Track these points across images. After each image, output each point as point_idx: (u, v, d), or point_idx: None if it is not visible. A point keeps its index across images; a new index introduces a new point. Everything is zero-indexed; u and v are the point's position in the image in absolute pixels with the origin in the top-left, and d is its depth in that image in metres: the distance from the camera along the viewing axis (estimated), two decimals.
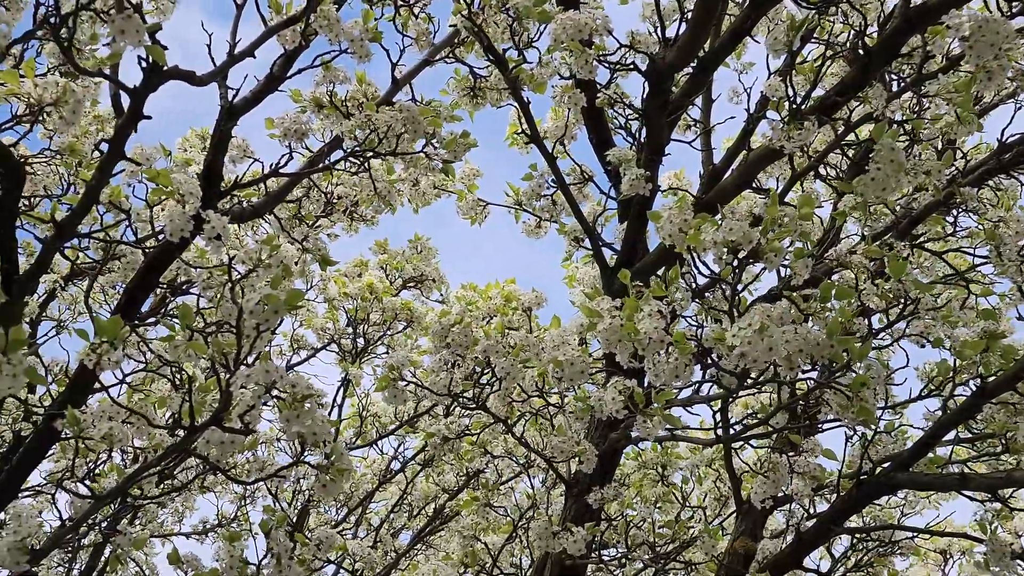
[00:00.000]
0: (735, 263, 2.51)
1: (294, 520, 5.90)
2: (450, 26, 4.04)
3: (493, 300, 4.79)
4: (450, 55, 4.04)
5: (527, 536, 5.65)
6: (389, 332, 6.28)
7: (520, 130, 3.94)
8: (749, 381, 2.78)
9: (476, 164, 4.83)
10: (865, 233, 4.02)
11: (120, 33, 2.13)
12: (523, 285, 4.92)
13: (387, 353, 6.43)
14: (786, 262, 2.63)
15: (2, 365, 1.98)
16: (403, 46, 3.91)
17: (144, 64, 2.38)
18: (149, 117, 2.44)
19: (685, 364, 2.57)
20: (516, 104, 3.61)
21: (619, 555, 3.89)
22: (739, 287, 2.66)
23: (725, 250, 2.45)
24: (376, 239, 6.60)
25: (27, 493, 4.97)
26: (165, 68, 2.37)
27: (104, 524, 4.17)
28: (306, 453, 2.54)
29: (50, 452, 3.46)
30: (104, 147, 2.72)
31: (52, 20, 4.03)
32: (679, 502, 5.19)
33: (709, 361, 2.79)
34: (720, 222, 2.43)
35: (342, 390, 6.49)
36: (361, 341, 6.39)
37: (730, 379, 2.84)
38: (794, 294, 2.83)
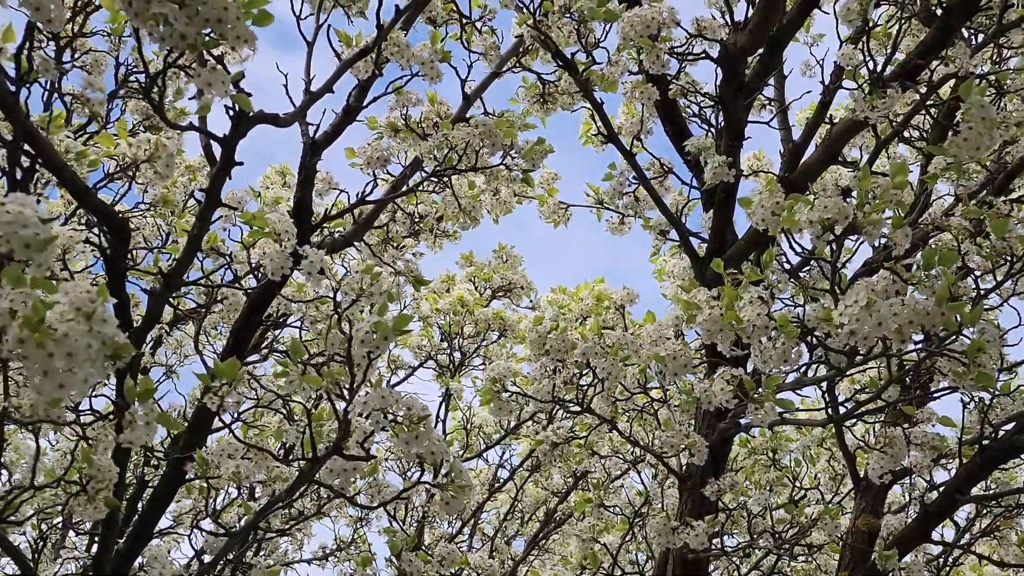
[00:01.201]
0: (832, 240, 2.48)
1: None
2: (514, 36, 4.08)
3: (584, 301, 4.80)
4: (516, 64, 4.07)
5: (643, 533, 5.64)
6: (484, 343, 6.34)
7: (595, 130, 3.94)
8: (859, 358, 2.74)
9: (552, 166, 4.86)
10: (959, 193, 3.92)
11: (207, 86, 2.20)
12: (610, 281, 4.92)
13: (484, 365, 6.48)
14: (885, 231, 2.58)
15: (136, 416, 2.07)
16: (470, 62, 3.96)
17: (231, 112, 2.46)
18: (240, 163, 2.52)
19: (792, 347, 2.55)
20: (589, 105, 3.62)
21: (742, 545, 3.85)
22: (838, 264, 2.63)
23: (821, 228, 2.42)
24: (461, 252, 6.67)
25: (156, 534, 5.15)
26: (251, 114, 2.44)
27: (231, 559, 4.30)
28: (418, 472, 2.59)
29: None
30: (199, 195, 2.81)
31: (139, 81, 4.18)
32: (792, 484, 5.12)
33: (814, 341, 2.76)
34: (813, 200, 2.40)
35: (444, 405, 6.57)
36: (457, 355, 6.46)
37: (839, 357, 2.80)
38: (896, 264, 2.78)
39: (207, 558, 2.93)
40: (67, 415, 2.70)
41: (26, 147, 2.42)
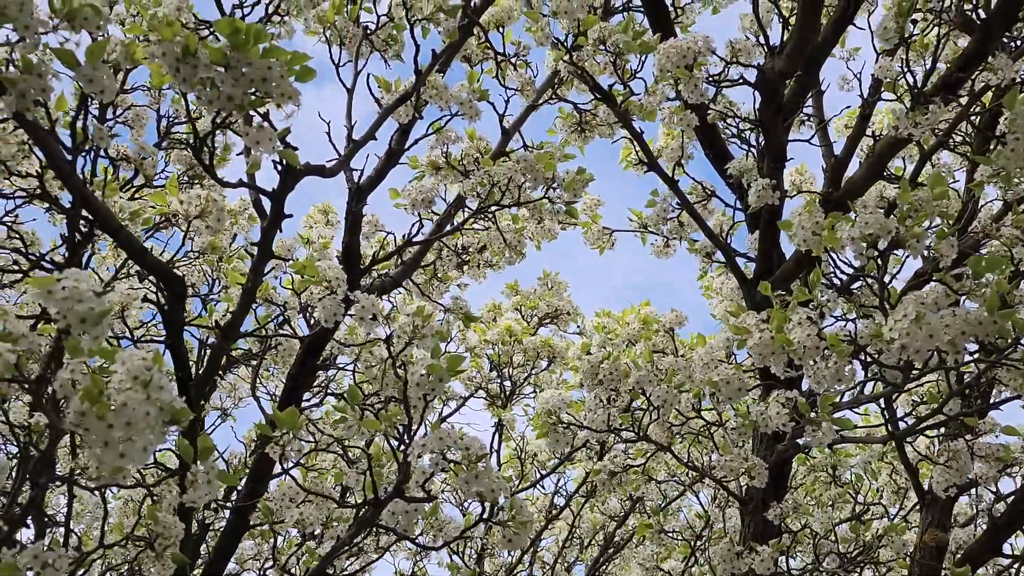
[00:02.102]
0: (877, 256, 2.47)
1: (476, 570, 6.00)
2: (548, 68, 4.11)
3: (631, 326, 4.80)
4: (553, 96, 4.10)
5: (706, 556, 5.59)
6: (533, 372, 6.34)
7: (634, 156, 3.96)
8: (914, 372, 2.71)
9: (593, 192, 4.87)
10: (1007, 199, 3.87)
11: (255, 144, 2.25)
12: (656, 299, 4.94)
13: (534, 393, 6.49)
14: (929, 243, 2.56)
15: (197, 475, 2.10)
16: (507, 96, 4.00)
17: (279, 167, 2.51)
18: (290, 216, 2.57)
19: (845, 366, 2.53)
20: (629, 135, 3.64)
21: (808, 567, 3.81)
22: (886, 279, 2.61)
23: (864, 245, 2.40)
24: (507, 282, 6.70)
25: None
26: (299, 168, 2.49)
27: None
28: (477, 505, 2.60)
29: None
30: (243, 243, 2.86)
31: (182, 134, 4.27)
32: (855, 500, 5.05)
33: (868, 359, 2.74)
34: (854, 218, 2.39)
35: (497, 435, 6.58)
36: (508, 384, 6.48)
37: (894, 373, 2.77)
38: (945, 275, 2.75)
39: None
40: (130, 478, 2.76)
41: (84, 212, 2.49)
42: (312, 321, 3.38)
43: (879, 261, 2.58)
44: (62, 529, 2.50)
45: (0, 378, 1.53)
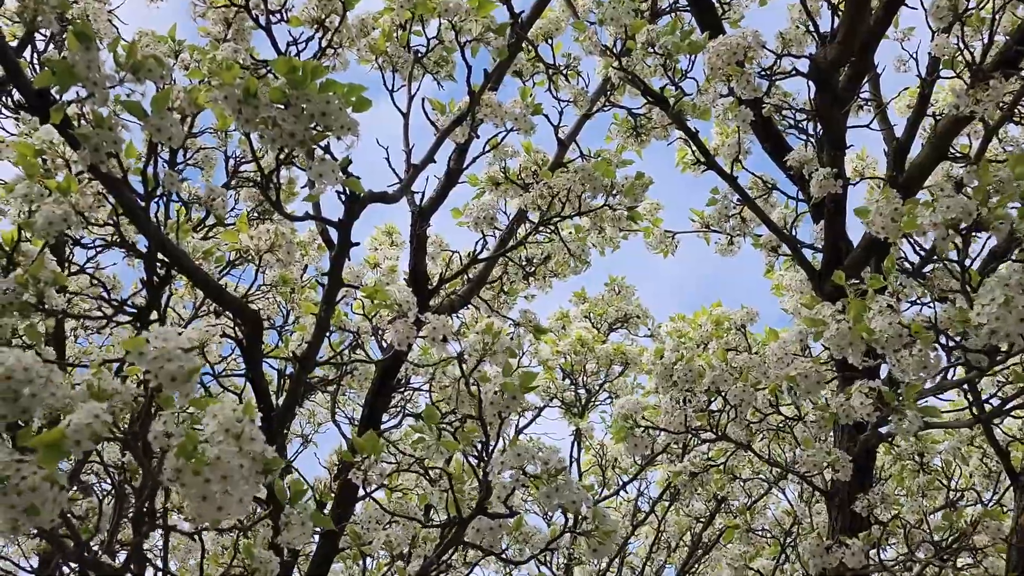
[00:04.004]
0: (957, 239, 2.42)
1: None
2: (600, 76, 4.13)
3: (703, 327, 4.77)
4: (606, 103, 4.11)
5: (796, 554, 5.51)
6: (607, 379, 6.33)
7: (692, 157, 3.94)
8: (1000, 356, 2.65)
9: (653, 195, 4.85)
10: None
11: (319, 177, 2.29)
12: (726, 297, 4.88)
13: (610, 400, 6.48)
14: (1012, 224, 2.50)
15: (291, 517, 2.15)
16: (560, 107, 4.02)
17: (343, 197, 2.56)
18: (357, 244, 2.62)
19: (930, 354, 2.49)
20: (684, 136, 3.63)
21: (901, 557, 3.74)
22: (966, 262, 2.56)
23: (945, 229, 2.36)
24: (574, 291, 6.71)
25: None
26: (362, 196, 2.54)
27: None
28: (560, 516, 2.61)
29: None
30: (313, 273, 2.92)
31: (249, 172, 4.37)
32: (946, 486, 4.94)
33: (950, 343, 2.68)
34: (933, 202, 2.35)
35: (575, 443, 6.58)
36: (583, 392, 6.48)
37: (978, 357, 2.71)
38: None
39: None
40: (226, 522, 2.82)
41: (160, 255, 2.57)
42: (385, 345, 3.44)
43: (958, 244, 2.53)
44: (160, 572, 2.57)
45: (98, 438, 1.57)
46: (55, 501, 1.53)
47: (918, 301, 3.71)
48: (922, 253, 3.18)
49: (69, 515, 1.91)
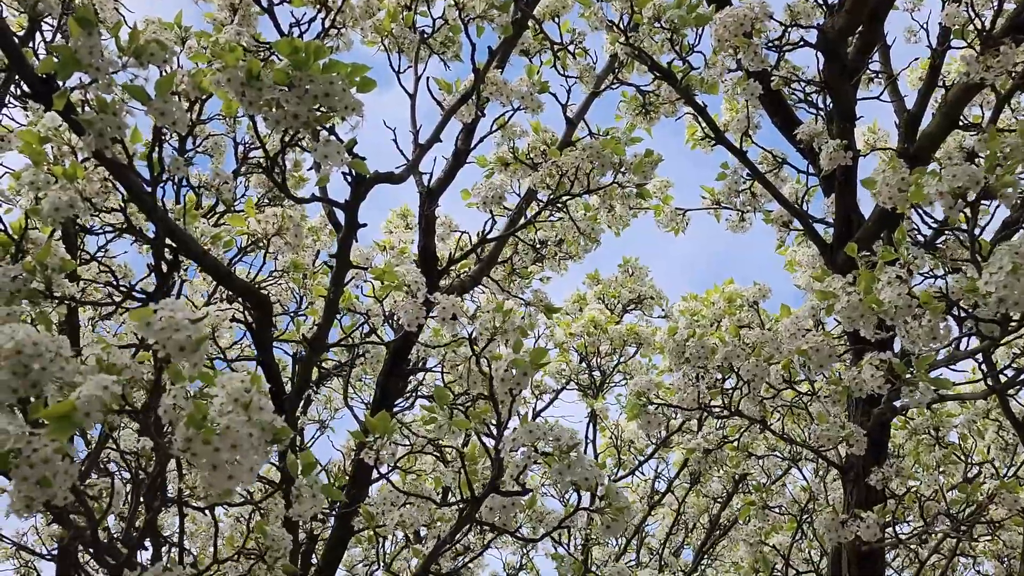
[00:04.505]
0: (967, 208, 2.40)
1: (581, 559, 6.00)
2: (607, 53, 4.10)
3: (716, 305, 4.75)
4: (614, 80, 4.09)
5: (812, 530, 5.50)
6: (622, 360, 6.33)
7: (700, 133, 3.92)
8: (1012, 325, 2.63)
9: (662, 174, 4.83)
10: None
11: (324, 159, 2.29)
12: (737, 278, 4.86)
13: (625, 381, 6.47)
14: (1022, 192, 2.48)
15: (302, 489, 2.16)
16: (568, 86, 4.00)
17: (349, 178, 2.56)
18: (364, 225, 2.62)
19: (940, 323, 2.47)
20: (692, 111, 3.61)
21: (917, 530, 3.73)
22: (976, 231, 2.54)
23: (953, 198, 2.34)
24: (588, 272, 6.70)
25: None
26: (368, 176, 2.54)
27: None
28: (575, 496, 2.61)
29: None
30: (329, 261, 2.93)
31: (258, 158, 4.37)
32: (962, 461, 4.91)
33: (962, 314, 2.66)
34: (940, 171, 2.33)
35: (591, 425, 6.58)
36: (597, 374, 6.47)
37: (990, 327, 2.69)
38: None
39: None
40: (238, 496, 2.84)
41: (168, 241, 2.58)
42: (396, 326, 3.44)
43: (967, 213, 2.51)
44: (176, 549, 2.59)
45: (109, 410, 1.59)
46: (67, 473, 1.55)
47: (931, 273, 3.69)
48: (933, 225, 3.15)
49: (84, 493, 1.92)
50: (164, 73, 2.41)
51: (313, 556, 3.98)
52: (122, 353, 1.80)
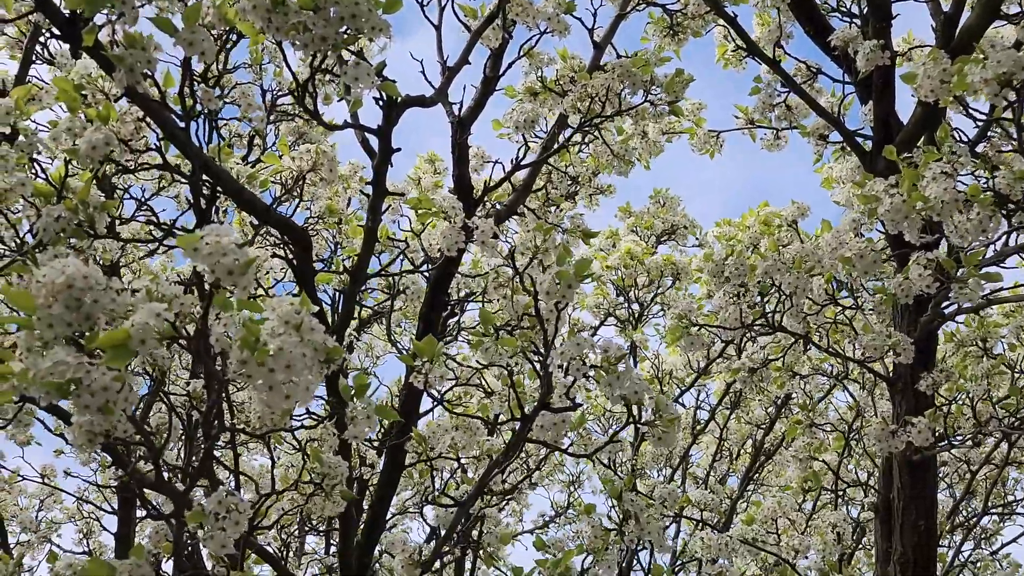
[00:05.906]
0: (1013, 97, 2.34)
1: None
2: None
3: (752, 228, 4.70)
4: (642, 1, 4.02)
5: (861, 447, 5.49)
6: (659, 291, 6.31)
7: (732, 48, 3.85)
8: None
9: (693, 96, 4.75)
10: None
11: (354, 81, 2.27)
12: (772, 202, 4.80)
13: (663, 312, 6.45)
14: None
15: (356, 411, 2.18)
16: (594, 9, 3.93)
17: (380, 102, 2.54)
18: (398, 149, 2.61)
19: (989, 216, 2.43)
20: (723, 22, 3.54)
21: (969, 434, 3.70)
22: (1022, 120, 2.48)
23: (998, 86, 2.28)
24: (619, 206, 6.66)
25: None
26: (399, 100, 2.52)
27: (456, 537, 4.45)
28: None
29: None
30: (366, 189, 2.92)
31: (286, 104, 4.35)
32: (1012, 370, 4.86)
33: (1011, 207, 2.61)
34: (984, 59, 2.27)
35: (631, 357, 6.58)
36: (636, 307, 6.46)
37: None
38: None
39: (442, 532, 3.06)
40: (292, 422, 2.88)
41: (205, 177, 2.58)
42: (433, 260, 3.44)
43: (1011, 98, 2.44)
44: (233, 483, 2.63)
45: (162, 337, 1.60)
46: (126, 400, 1.57)
47: (973, 174, 3.63)
48: (980, 119, 3.08)
49: (144, 425, 1.95)
50: (189, 4, 2.39)
51: (366, 501, 4.03)
52: (170, 284, 1.81)
